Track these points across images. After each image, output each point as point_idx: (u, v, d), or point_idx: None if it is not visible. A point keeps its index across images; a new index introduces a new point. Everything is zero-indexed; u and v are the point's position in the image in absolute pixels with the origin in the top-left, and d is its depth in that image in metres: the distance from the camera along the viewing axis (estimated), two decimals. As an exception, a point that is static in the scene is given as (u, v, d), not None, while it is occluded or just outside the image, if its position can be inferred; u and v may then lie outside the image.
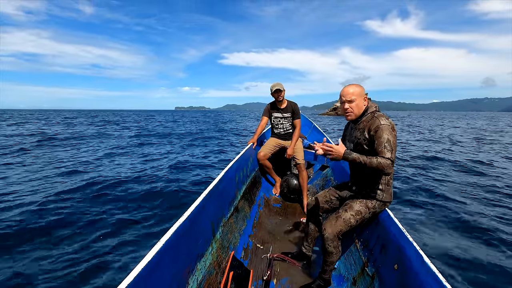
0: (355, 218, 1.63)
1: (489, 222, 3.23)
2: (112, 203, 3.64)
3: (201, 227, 1.59)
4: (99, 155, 7.39)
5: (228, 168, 2.30)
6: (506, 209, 3.67)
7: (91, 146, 9.25)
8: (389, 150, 1.45)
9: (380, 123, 1.51)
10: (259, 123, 3.32)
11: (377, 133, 1.49)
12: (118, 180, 4.66)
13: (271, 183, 3.58)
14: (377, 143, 1.48)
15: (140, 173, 5.28)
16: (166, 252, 1.14)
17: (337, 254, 1.65)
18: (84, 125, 20.13)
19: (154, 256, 1.05)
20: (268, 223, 2.62)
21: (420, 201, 3.92)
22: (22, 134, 12.61)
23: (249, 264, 1.93)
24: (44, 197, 3.71)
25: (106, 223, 3.00)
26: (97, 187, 4.22)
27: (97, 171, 5.41)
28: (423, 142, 11.02)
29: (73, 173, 5.22)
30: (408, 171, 5.84)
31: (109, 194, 3.94)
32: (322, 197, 1.91)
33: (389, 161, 1.44)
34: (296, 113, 3.20)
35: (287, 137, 3.28)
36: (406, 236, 1.38)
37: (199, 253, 1.52)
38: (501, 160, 7.23)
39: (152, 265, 1.03)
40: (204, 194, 1.67)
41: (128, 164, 6.19)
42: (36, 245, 2.54)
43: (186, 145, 9.76)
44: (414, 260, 1.23)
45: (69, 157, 6.97)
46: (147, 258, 1.01)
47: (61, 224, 2.95)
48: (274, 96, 3.12)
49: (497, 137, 13.85)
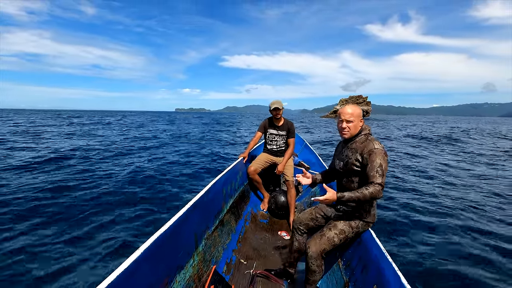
0: (339, 237, 1.65)
1: (474, 241, 3.27)
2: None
3: (183, 238, 1.57)
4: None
5: (216, 180, 2.29)
6: (486, 224, 3.73)
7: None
8: (380, 175, 1.49)
9: (374, 147, 1.56)
10: (252, 137, 3.36)
11: (370, 157, 1.54)
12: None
13: (259, 198, 3.57)
14: (369, 167, 1.53)
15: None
16: (143, 261, 1.12)
17: (319, 273, 1.64)
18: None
19: (130, 265, 1.03)
20: (253, 239, 2.59)
21: (402, 218, 3.95)
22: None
23: (231, 279, 1.89)
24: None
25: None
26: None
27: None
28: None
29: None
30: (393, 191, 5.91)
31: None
32: (307, 214, 1.92)
33: (380, 187, 1.48)
34: (291, 132, 3.26)
35: (279, 153, 3.32)
36: (386, 257, 1.40)
37: (179, 264, 1.49)
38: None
39: (127, 274, 1.01)
40: (188, 205, 1.65)
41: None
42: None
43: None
44: (392, 281, 1.25)
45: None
46: (123, 267, 1.00)
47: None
48: (273, 113, 3.18)
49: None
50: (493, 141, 15.34)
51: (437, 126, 30.92)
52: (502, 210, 4.26)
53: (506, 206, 4.44)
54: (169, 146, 10.46)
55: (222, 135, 15.77)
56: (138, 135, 14.19)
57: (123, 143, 10.49)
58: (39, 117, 35.97)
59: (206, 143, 11.72)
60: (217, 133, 17.49)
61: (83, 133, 14.52)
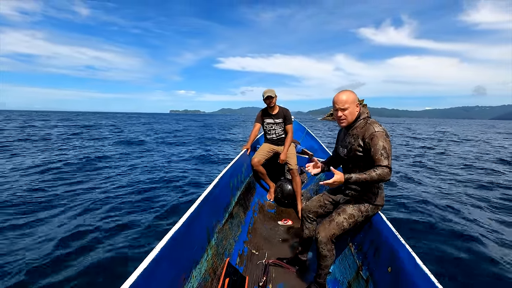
0: (348, 222, 1.66)
1: (481, 226, 3.31)
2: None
3: (196, 233, 1.59)
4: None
5: (222, 174, 2.30)
6: (499, 213, 3.77)
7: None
8: (385, 157, 1.48)
9: (374, 130, 1.54)
10: (252, 129, 3.35)
11: (372, 141, 1.52)
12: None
13: (265, 188, 3.58)
14: (373, 150, 1.51)
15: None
16: (162, 259, 1.13)
17: (331, 258, 1.66)
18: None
19: (150, 263, 1.04)
20: (263, 229, 2.61)
21: (411, 204, 3.99)
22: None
23: (245, 270, 1.92)
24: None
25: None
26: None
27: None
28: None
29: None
30: (400, 174, 5.94)
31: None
32: (316, 201, 1.93)
33: (387, 169, 1.46)
34: (287, 119, 3.25)
35: (280, 142, 3.31)
36: (399, 238, 1.40)
37: (194, 259, 1.51)
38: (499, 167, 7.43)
39: (148, 273, 1.02)
40: (198, 201, 1.67)
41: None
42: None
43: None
44: (407, 263, 1.26)
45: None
46: (143, 266, 1.01)
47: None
48: (266, 102, 3.16)
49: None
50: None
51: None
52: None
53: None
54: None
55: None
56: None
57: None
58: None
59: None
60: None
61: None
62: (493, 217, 3.62)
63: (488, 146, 13.02)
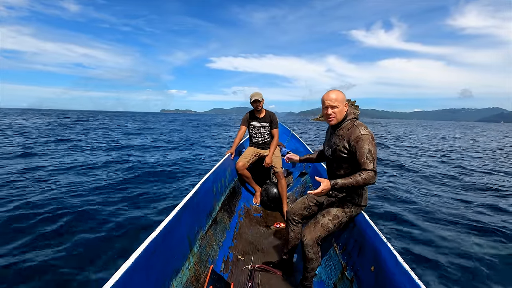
0: (333, 223, 1.66)
1: (463, 221, 3.44)
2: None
3: (176, 241, 1.53)
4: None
5: (205, 179, 2.23)
6: (478, 207, 3.94)
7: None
8: (371, 160, 1.49)
9: (360, 133, 1.55)
10: (237, 132, 3.32)
11: (358, 144, 1.53)
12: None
13: (251, 192, 3.55)
14: (359, 154, 1.52)
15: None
16: (135, 271, 1.07)
17: (317, 260, 1.65)
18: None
19: (122, 275, 0.98)
20: (248, 234, 2.57)
21: (395, 202, 4.09)
22: None
23: (230, 277, 1.87)
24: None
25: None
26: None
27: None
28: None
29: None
30: (384, 175, 6.10)
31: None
32: (300, 203, 1.92)
33: (373, 172, 1.48)
34: (274, 123, 3.25)
35: (265, 146, 3.30)
36: (381, 237, 1.42)
37: (174, 269, 1.45)
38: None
39: (120, 286, 0.96)
40: (178, 208, 1.60)
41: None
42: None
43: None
44: (388, 261, 1.27)
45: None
46: (114, 279, 0.94)
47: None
48: (253, 105, 3.15)
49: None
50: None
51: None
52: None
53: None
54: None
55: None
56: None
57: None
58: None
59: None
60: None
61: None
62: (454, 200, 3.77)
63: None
